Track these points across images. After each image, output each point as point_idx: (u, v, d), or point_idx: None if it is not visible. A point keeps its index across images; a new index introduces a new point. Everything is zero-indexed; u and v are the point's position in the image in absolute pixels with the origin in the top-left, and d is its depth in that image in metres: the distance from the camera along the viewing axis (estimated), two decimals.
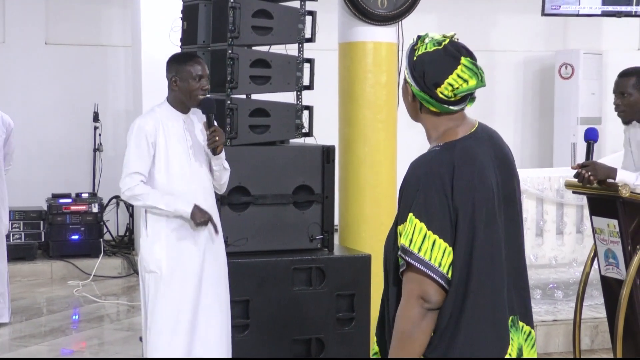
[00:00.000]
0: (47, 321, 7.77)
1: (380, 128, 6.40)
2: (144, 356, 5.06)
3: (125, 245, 10.22)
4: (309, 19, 5.97)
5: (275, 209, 5.75)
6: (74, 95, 10.84)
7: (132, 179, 4.86)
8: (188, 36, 6.02)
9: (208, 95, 5.04)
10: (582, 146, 11.64)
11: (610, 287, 5.17)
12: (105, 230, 10.03)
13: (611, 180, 5.01)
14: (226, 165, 5.07)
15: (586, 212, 7.14)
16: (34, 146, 10.68)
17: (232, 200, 5.64)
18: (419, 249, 2.69)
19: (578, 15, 8.11)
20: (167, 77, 5.01)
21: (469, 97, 2.86)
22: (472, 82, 2.80)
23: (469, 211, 2.71)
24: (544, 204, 7.33)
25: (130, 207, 10.32)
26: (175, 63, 4.99)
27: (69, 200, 9.75)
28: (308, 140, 6.15)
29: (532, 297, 6.95)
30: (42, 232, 9.70)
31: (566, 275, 7.37)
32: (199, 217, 4.86)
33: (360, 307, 5.79)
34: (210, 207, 5.01)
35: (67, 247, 9.62)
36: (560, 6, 8.04)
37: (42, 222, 9.70)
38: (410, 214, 2.72)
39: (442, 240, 2.69)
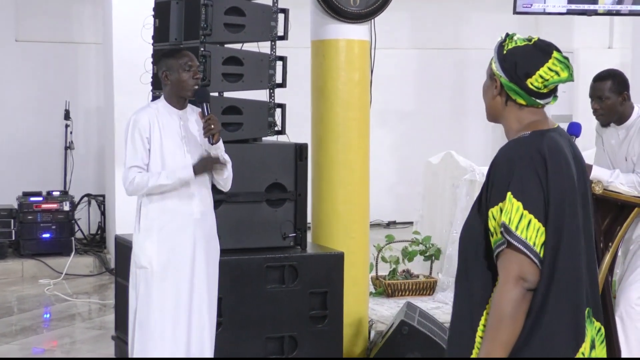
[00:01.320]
0: (18, 320, 7.72)
1: (353, 126, 6.39)
2: (130, 353, 5.03)
3: (97, 244, 10.18)
4: (281, 16, 5.96)
5: (248, 206, 5.74)
6: (45, 93, 10.78)
7: (130, 172, 4.91)
8: (160, 34, 5.98)
9: (202, 86, 5.04)
10: None
11: None
12: (76, 228, 9.97)
13: None
14: (227, 157, 5.05)
15: None
16: (5, 144, 10.61)
17: None
18: (517, 228, 2.75)
19: (544, 13, 8.13)
20: (158, 75, 5.05)
21: (553, 94, 2.95)
22: (564, 75, 2.89)
23: (559, 197, 2.78)
24: None
25: (102, 205, 10.27)
26: (163, 58, 5.04)
27: (40, 199, 9.69)
28: (281, 138, 6.15)
29: None
30: (13, 231, 9.63)
31: None
32: (202, 167, 4.91)
33: (333, 304, 5.79)
34: (207, 201, 5.04)
35: (38, 246, 9.57)
36: (531, 4, 8.06)
37: (12, 220, 9.63)
38: (509, 193, 2.78)
39: (536, 220, 2.76)
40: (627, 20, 10.84)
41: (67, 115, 10.55)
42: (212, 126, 4.89)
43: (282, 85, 6.02)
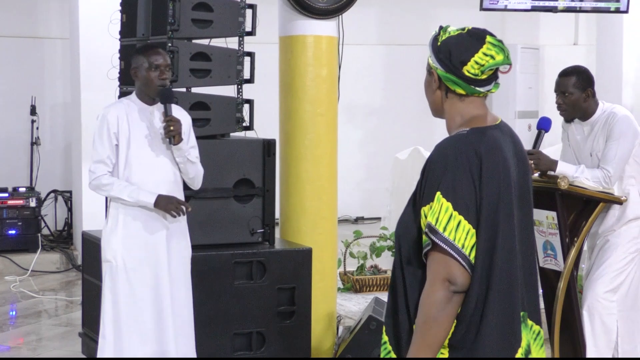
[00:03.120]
0: None
1: (321, 122, 6.40)
2: (100, 347, 5.01)
3: (64, 240, 10.12)
4: (249, 12, 5.96)
5: (216, 202, 5.74)
6: (11, 88, 10.71)
7: (98, 169, 4.91)
8: (127, 29, 5.96)
9: (168, 86, 5.01)
10: (520, 139, 11.83)
11: (548, 279, 5.24)
12: (43, 224, 9.91)
13: (552, 173, 5.08)
14: (192, 157, 5.04)
15: None
16: None
17: None
18: (444, 229, 2.68)
19: (509, 10, 8.19)
20: (129, 70, 5.06)
21: (494, 81, 2.88)
22: (499, 58, 2.83)
23: (494, 198, 2.72)
24: None
25: (68, 201, 10.21)
26: (135, 54, 5.04)
27: (6, 195, 9.62)
28: (249, 134, 6.14)
29: None
30: None
31: None
32: (163, 205, 4.88)
33: (301, 300, 5.80)
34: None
35: (4, 242, 9.49)
36: (498, 1, 8.11)
37: None
38: (438, 193, 2.71)
39: (466, 222, 2.69)
40: (592, 17, 10.93)
41: (33, 111, 10.47)
42: (172, 128, 4.88)
43: (250, 81, 6.02)
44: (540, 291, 5.48)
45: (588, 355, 5.14)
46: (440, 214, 2.69)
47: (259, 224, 5.85)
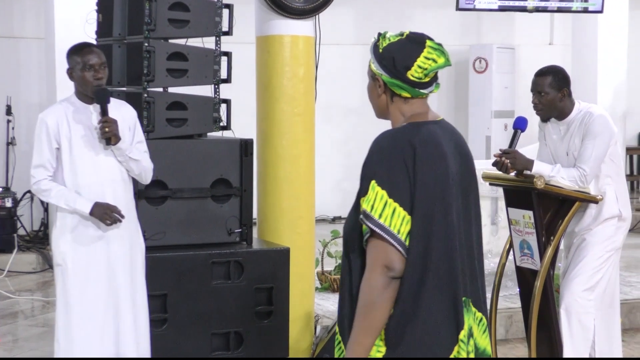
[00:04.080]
0: None
1: (298, 121, 6.41)
2: (56, 350, 4.99)
3: (40, 240, 10.07)
4: (226, 12, 5.95)
5: (193, 202, 5.73)
6: None
7: (38, 173, 4.87)
8: (103, 29, 5.95)
9: (104, 86, 4.93)
10: (496, 139, 11.87)
11: (525, 278, 5.27)
12: (19, 225, 9.86)
13: (527, 172, 5.11)
14: (135, 155, 4.96)
15: (500, 204, 7.28)
16: None
17: (149, 194, 5.61)
18: (380, 215, 2.78)
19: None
20: (66, 71, 4.98)
21: (435, 82, 3.00)
22: (441, 60, 2.96)
23: (429, 186, 2.81)
24: None
25: (44, 202, 10.17)
26: (69, 54, 4.96)
27: None
28: (226, 134, 6.14)
29: None
30: None
31: None
32: (98, 214, 4.82)
33: (279, 300, 5.80)
34: (120, 198, 4.94)
35: None
36: (474, 1, 8.14)
37: None
38: (373, 181, 2.82)
39: (402, 209, 2.79)
40: (567, 17, 10.99)
41: (8, 111, 10.42)
42: (107, 129, 4.81)
43: (227, 80, 6.02)
44: (518, 290, 5.52)
45: (565, 355, 5.17)
46: (376, 201, 2.80)
47: (236, 223, 5.85)
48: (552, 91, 5.26)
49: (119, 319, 4.93)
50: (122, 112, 4.97)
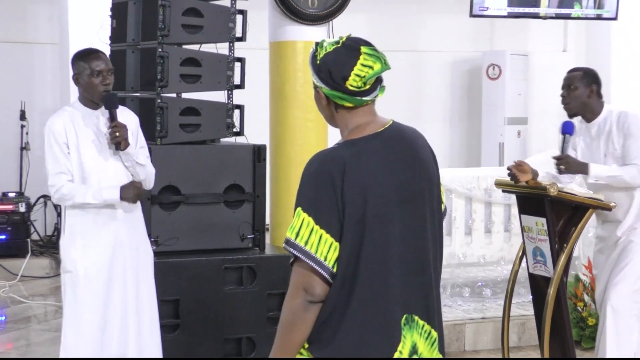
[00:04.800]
0: None
1: (311, 127, 6.42)
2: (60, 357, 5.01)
3: (53, 245, 10.07)
4: (239, 17, 5.96)
5: (206, 208, 5.74)
6: (0, 93, 10.67)
7: (58, 180, 4.85)
8: (117, 34, 5.97)
9: (112, 92, 4.94)
10: (509, 145, 11.85)
11: (538, 285, 5.25)
12: (32, 230, 9.89)
13: (581, 175, 5.15)
14: (141, 160, 4.97)
15: (513, 211, 7.26)
16: None
17: (162, 199, 5.61)
18: (306, 243, 2.75)
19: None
20: (72, 77, 4.97)
21: (378, 87, 2.91)
22: (377, 66, 2.85)
23: (359, 209, 2.76)
24: (472, 203, 7.41)
25: (58, 207, 10.18)
26: (75, 60, 4.95)
27: None
28: (239, 140, 6.15)
29: (461, 295, 7.11)
30: None
31: (494, 274, 7.47)
32: (129, 196, 4.85)
33: None
34: (131, 206, 4.96)
35: None
36: (487, 8, 8.14)
37: None
38: (299, 208, 2.78)
39: (329, 235, 2.75)
40: (581, 24, 10.96)
41: (22, 116, 10.44)
42: (117, 134, 4.82)
43: (241, 86, 6.02)
44: (530, 297, 5.50)
45: (608, 354, 5.19)
46: (302, 228, 2.76)
47: (249, 229, 5.85)
48: (581, 86, 5.33)
49: (128, 325, 4.94)
50: (125, 117, 4.97)
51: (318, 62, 2.90)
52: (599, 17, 8.66)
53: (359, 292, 2.76)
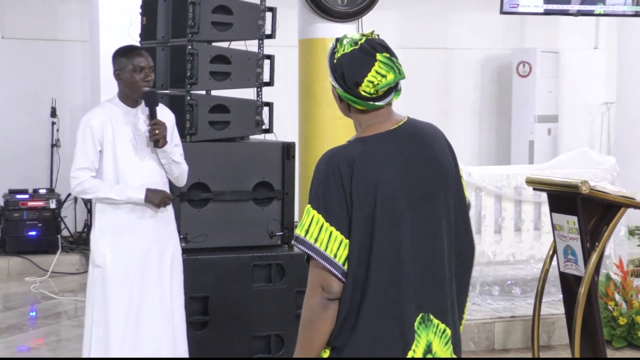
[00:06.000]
0: (3, 318, 7.69)
1: (340, 125, 6.41)
2: (86, 352, 5.01)
3: (83, 242, 10.12)
4: (269, 15, 5.96)
5: (235, 205, 5.74)
6: (31, 91, 10.74)
7: (82, 174, 4.89)
8: (147, 31, 5.98)
9: (152, 88, 4.99)
10: (539, 143, 11.78)
11: (569, 284, 5.21)
12: (63, 226, 9.95)
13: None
14: (177, 158, 5.02)
15: (544, 209, 7.22)
16: None
17: (191, 196, 5.62)
18: (316, 240, 2.76)
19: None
20: (113, 72, 5.00)
21: (393, 91, 2.90)
22: (390, 77, 2.84)
23: (368, 207, 2.75)
24: (502, 201, 7.38)
25: (88, 203, 10.24)
26: (117, 56, 4.98)
27: (26, 196, 9.66)
28: (268, 137, 6.15)
29: (490, 294, 7.08)
30: None
31: (524, 272, 7.43)
32: (153, 199, 4.88)
33: None
34: None
35: (24, 243, 9.52)
36: (518, 5, 8.10)
37: None
38: (308, 206, 2.80)
39: (338, 233, 2.75)
40: (612, 21, 10.88)
41: (53, 113, 10.51)
42: (157, 131, 4.86)
43: (270, 83, 6.03)
44: (561, 296, 5.47)
45: None
46: (311, 226, 2.77)
47: (278, 226, 5.85)
48: None
49: (158, 322, 4.95)
50: (163, 115, 5.00)
51: (335, 61, 2.89)
52: (637, 14, 8.55)
53: (372, 293, 2.76)
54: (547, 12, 8.23)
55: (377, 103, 2.87)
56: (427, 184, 2.85)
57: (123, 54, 4.96)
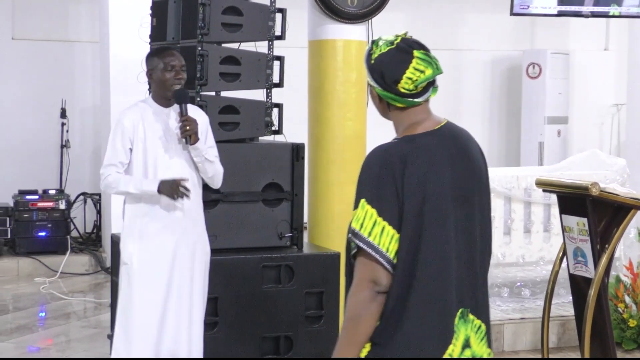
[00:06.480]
0: (13, 318, 7.72)
1: (350, 126, 6.40)
2: (113, 347, 5.04)
3: (93, 242, 10.16)
4: (279, 16, 5.96)
5: (245, 206, 5.75)
6: (41, 91, 10.77)
7: (108, 170, 4.96)
8: (157, 33, 5.99)
9: (182, 87, 5.03)
10: (549, 145, 11.76)
11: (579, 286, 5.20)
12: (72, 227, 9.97)
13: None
14: (210, 157, 5.03)
15: (553, 210, 7.21)
16: (1, 142, 10.60)
17: None
18: (369, 234, 2.81)
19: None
20: (145, 72, 5.08)
21: (431, 87, 2.98)
22: (429, 71, 2.92)
23: (418, 203, 2.82)
24: (512, 203, 7.37)
25: (97, 204, 10.26)
26: (149, 57, 5.08)
27: (36, 197, 9.69)
28: (277, 138, 6.15)
29: (499, 295, 7.07)
30: (9, 229, 9.61)
31: (533, 274, 7.42)
32: (166, 191, 4.88)
33: (329, 304, 5.79)
34: (193, 204, 5.02)
35: (33, 244, 9.55)
36: (529, 6, 8.08)
37: (8, 218, 9.61)
38: (363, 200, 2.85)
39: (390, 227, 2.81)
40: (623, 22, 10.85)
41: (63, 114, 10.53)
42: (188, 127, 4.89)
43: (280, 85, 6.03)
44: (570, 298, 5.46)
45: None
46: (365, 220, 2.83)
47: (287, 228, 5.85)
48: None
49: (181, 321, 4.97)
50: (196, 115, 5.03)
51: (372, 61, 2.96)
52: (609, 15, 8.50)
53: (419, 285, 2.82)
54: (561, 14, 8.20)
55: (416, 100, 2.95)
56: (467, 184, 2.95)
57: (155, 54, 5.05)
